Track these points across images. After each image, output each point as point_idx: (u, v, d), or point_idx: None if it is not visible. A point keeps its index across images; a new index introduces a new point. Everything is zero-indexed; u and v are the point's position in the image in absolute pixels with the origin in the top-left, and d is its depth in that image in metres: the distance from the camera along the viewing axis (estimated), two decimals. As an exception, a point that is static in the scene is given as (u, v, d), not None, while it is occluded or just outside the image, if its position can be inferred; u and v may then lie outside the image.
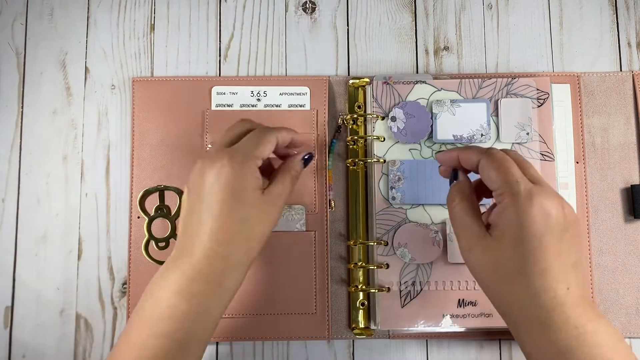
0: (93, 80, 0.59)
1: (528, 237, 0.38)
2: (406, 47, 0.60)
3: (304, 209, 0.55)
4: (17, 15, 0.59)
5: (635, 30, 0.60)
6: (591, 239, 0.55)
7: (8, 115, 0.58)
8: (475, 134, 0.55)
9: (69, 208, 0.57)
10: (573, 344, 0.37)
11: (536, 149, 0.54)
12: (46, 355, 0.55)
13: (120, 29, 0.59)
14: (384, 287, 0.53)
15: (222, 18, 0.60)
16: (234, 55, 0.59)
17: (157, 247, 0.55)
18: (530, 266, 0.38)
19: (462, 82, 0.56)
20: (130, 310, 0.54)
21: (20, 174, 0.57)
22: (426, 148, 0.55)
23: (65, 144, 0.58)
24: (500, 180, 0.40)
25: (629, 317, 0.54)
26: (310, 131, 0.56)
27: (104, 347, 0.55)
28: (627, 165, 0.56)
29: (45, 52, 0.59)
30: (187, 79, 0.58)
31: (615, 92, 0.57)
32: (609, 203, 0.56)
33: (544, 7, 0.60)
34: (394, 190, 0.54)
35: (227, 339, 0.54)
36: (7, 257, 0.56)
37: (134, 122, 0.57)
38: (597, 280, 0.55)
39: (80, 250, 0.56)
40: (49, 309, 0.55)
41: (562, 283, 0.38)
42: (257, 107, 0.57)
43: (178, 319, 0.40)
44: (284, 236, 0.54)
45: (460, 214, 0.42)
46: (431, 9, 0.60)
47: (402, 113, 0.55)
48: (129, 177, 0.57)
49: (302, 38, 0.60)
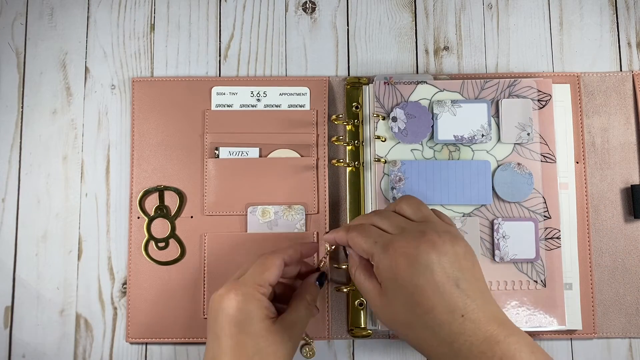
0: (93, 80, 0.59)
1: (402, 286, 0.40)
2: (406, 47, 0.60)
3: (303, 209, 0.55)
4: (17, 15, 0.59)
5: (635, 30, 0.60)
6: (591, 239, 0.55)
7: (8, 115, 0.58)
8: (476, 134, 0.55)
9: (69, 208, 0.57)
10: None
11: (537, 150, 0.54)
12: (46, 355, 0.55)
13: (120, 29, 0.59)
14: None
15: (222, 18, 0.60)
16: (234, 55, 0.59)
17: (157, 247, 0.55)
18: (417, 309, 0.39)
19: (464, 83, 0.56)
20: (130, 310, 0.54)
21: (20, 174, 0.57)
22: (428, 148, 0.55)
23: (65, 144, 0.57)
24: (363, 249, 0.43)
25: (629, 317, 0.54)
26: (310, 131, 0.56)
27: (103, 347, 0.55)
28: (627, 165, 0.56)
29: (45, 52, 0.59)
30: (187, 79, 0.58)
31: (615, 92, 0.57)
32: (609, 203, 0.56)
33: (544, 7, 0.60)
34: (395, 191, 0.54)
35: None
36: (7, 257, 0.56)
37: (134, 122, 0.57)
38: (597, 280, 0.55)
39: (80, 250, 0.56)
40: (49, 309, 0.55)
41: (454, 313, 0.39)
42: (257, 107, 0.57)
43: None
44: (284, 236, 0.54)
45: (359, 283, 0.44)
46: (431, 9, 0.60)
47: (402, 113, 0.55)
48: (129, 177, 0.57)
49: (302, 38, 0.60)
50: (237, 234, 0.55)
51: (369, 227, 0.44)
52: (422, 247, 0.40)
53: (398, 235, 0.42)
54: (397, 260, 0.40)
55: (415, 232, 0.41)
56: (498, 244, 0.53)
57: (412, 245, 0.40)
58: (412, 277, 0.39)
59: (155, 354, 0.55)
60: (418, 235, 0.41)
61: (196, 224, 0.55)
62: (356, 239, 0.43)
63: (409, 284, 0.39)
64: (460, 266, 0.40)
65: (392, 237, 0.42)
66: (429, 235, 0.41)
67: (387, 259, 0.41)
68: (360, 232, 0.43)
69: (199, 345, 0.55)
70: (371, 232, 0.43)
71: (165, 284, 0.54)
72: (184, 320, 0.54)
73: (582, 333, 0.54)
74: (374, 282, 0.43)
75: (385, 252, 0.41)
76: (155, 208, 0.56)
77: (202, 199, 0.55)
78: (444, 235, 0.41)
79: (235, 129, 0.56)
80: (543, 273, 0.53)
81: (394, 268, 0.40)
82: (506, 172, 0.54)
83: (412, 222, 0.44)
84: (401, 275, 0.40)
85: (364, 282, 0.44)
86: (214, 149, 0.56)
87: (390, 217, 0.44)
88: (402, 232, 0.42)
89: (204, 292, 0.54)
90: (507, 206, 0.54)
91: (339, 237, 0.46)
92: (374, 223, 0.44)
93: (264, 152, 0.56)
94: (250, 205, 0.55)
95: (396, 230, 0.43)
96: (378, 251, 0.41)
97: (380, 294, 0.42)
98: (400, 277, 0.40)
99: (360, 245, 0.43)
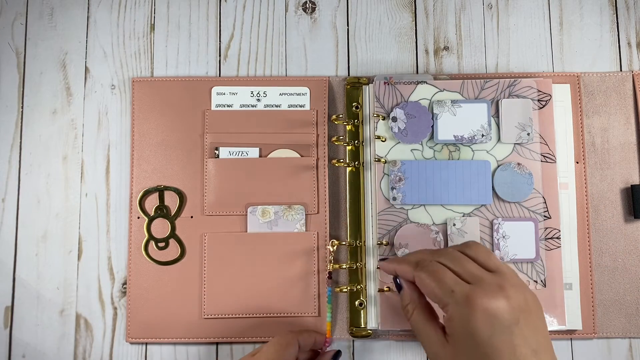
0: (93, 80, 0.59)
1: (477, 344, 0.38)
2: (406, 47, 0.60)
3: (303, 209, 0.55)
4: (17, 15, 0.59)
5: (635, 30, 0.60)
6: (591, 239, 0.55)
7: (8, 115, 0.58)
8: (476, 134, 0.55)
9: (69, 208, 0.57)
10: None
11: (537, 150, 0.54)
12: (46, 355, 0.55)
13: (120, 29, 0.59)
14: (385, 288, 0.53)
15: (222, 18, 0.60)
16: (234, 55, 0.59)
17: (157, 247, 0.55)
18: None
19: (464, 83, 0.56)
20: (130, 310, 0.54)
21: (20, 174, 0.57)
22: (428, 148, 0.55)
23: (65, 144, 0.57)
24: (436, 294, 0.40)
25: (629, 317, 0.54)
26: (310, 131, 0.56)
27: (103, 347, 0.55)
28: (627, 165, 0.56)
29: (45, 52, 0.59)
30: (187, 79, 0.58)
31: (615, 92, 0.57)
32: (609, 203, 0.56)
33: (544, 7, 0.60)
34: (395, 191, 0.54)
35: (228, 339, 0.54)
36: (7, 257, 0.56)
37: (134, 122, 0.57)
38: (597, 280, 0.55)
39: (80, 250, 0.56)
40: (49, 309, 0.55)
41: None
42: (257, 107, 0.57)
43: None
44: (284, 237, 0.54)
45: (418, 325, 0.43)
46: (431, 9, 0.60)
47: (402, 113, 0.55)
48: (129, 177, 0.57)
49: (302, 38, 0.60)
50: (237, 234, 0.55)
51: (444, 271, 0.41)
52: (515, 299, 0.38)
53: (477, 288, 0.39)
54: (477, 316, 0.38)
55: (494, 286, 0.39)
56: (498, 244, 0.53)
57: (494, 303, 0.38)
58: (491, 337, 0.37)
59: (155, 354, 0.55)
60: (497, 289, 0.39)
61: (196, 224, 0.55)
62: (428, 281, 0.41)
63: (486, 343, 0.37)
64: (538, 331, 0.39)
65: (471, 288, 0.39)
66: (508, 291, 0.39)
67: (465, 314, 0.38)
68: (433, 276, 0.41)
69: (199, 345, 0.55)
70: (446, 277, 0.40)
71: (165, 284, 0.54)
72: (184, 320, 0.54)
73: (582, 333, 0.54)
74: (435, 328, 0.41)
75: (464, 306, 0.38)
76: (155, 208, 0.56)
77: (202, 199, 0.55)
78: (525, 293, 0.40)
79: (235, 129, 0.56)
80: (543, 273, 0.53)
81: (472, 324, 0.38)
82: (506, 172, 0.54)
83: (487, 272, 0.41)
84: (479, 333, 0.38)
85: (423, 325, 0.42)
86: (214, 149, 0.56)
87: (462, 262, 0.42)
88: (480, 283, 0.39)
89: (203, 292, 0.54)
90: (507, 206, 0.54)
91: (402, 271, 0.44)
92: (444, 264, 0.42)
93: (264, 152, 0.56)
94: (250, 205, 0.55)
95: (471, 278, 0.40)
96: (455, 302, 0.39)
97: (444, 344, 0.40)
98: (477, 335, 0.38)
99: (432, 290, 0.41)
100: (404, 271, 0.44)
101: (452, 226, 0.54)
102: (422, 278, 0.42)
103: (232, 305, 0.54)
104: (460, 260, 0.42)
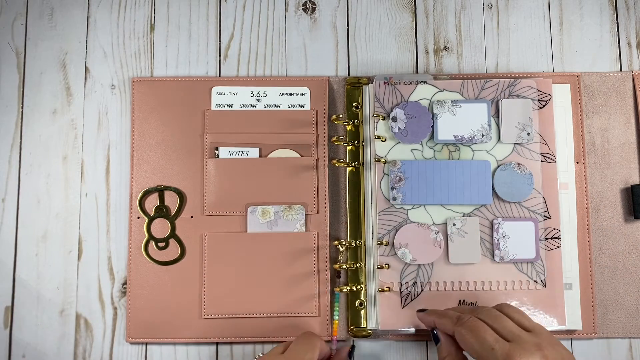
0: (93, 80, 0.59)
1: None
2: (406, 47, 0.60)
3: (303, 209, 0.55)
4: (17, 15, 0.59)
5: (635, 30, 0.60)
6: (591, 239, 0.55)
7: (8, 115, 0.58)
8: (476, 134, 0.55)
9: (69, 208, 0.57)
10: None
11: (537, 150, 0.55)
12: (46, 355, 0.55)
13: (120, 29, 0.59)
14: (385, 288, 0.53)
15: (222, 18, 0.60)
16: (234, 55, 0.59)
17: (157, 247, 0.55)
18: None
19: (464, 83, 0.56)
20: (130, 310, 0.54)
21: (20, 174, 0.57)
22: (428, 148, 0.55)
23: (65, 144, 0.57)
24: (476, 350, 0.42)
25: (629, 317, 0.54)
26: (310, 131, 0.56)
27: (103, 347, 0.55)
28: (627, 165, 0.56)
29: (45, 52, 0.59)
30: (187, 79, 0.58)
31: (615, 92, 0.57)
32: (609, 203, 0.56)
33: (544, 7, 0.60)
34: (395, 191, 0.54)
35: (228, 339, 0.54)
36: (7, 257, 0.56)
37: (134, 122, 0.57)
38: (597, 280, 0.55)
39: (80, 250, 0.56)
40: (49, 309, 0.55)
41: None
42: (257, 107, 0.57)
43: None
44: (284, 237, 0.55)
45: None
46: (431, 9, 0.60)
47: (402, 113, 0.55)
48: (129, 177, 0.57)
49: (302, 38, 0.60)
50: (237, 234, 0.55)
51: (484, 328, 0.43)
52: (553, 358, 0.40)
53: (517, 346, 0.41)
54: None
55: (532, 344, 0.41)
56: (498, 244, 0.53)
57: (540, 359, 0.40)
58: None
59: (155, 354, 0.55)
60: (535, 348, 0.40)
61: (196, 224, 0.55)
62: (468, 337, 0.43)
63: None
64: None
65: (511, 346, 0.41)
66: (546, 350, 0.40)
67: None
68: (473, 332, 0.43)
69: (199, 345, 0.55)
70: (487, 334, 0.42)
71: (165, 284, 0.54)
72: (184, 320, 0.54)
73: (582, 333, 0.54)
74: None
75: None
76: (155, 208, 0.56)
77: (202, 199, 0.55)
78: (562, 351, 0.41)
79: (235, 129, 0.56)
80: (543, 273, 0.53)
81: None
82: (506, 172, 0.54)
83: (524, 331, 0.43)
84: None
85: None
86: (214, 149, 0.56)
87: (501, 320, 0.44)
88: (518, 341, 0.41)
89: (203, 292, 0.54)
90: (507, 206, 0.54)
91: (442, 324, 0.46)
92: (484, 321, 0.44)
93: (264, 152, 0.56)
94: (250, 205, 0.55)
95: (510, 336, 0.42)
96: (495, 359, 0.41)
97: None
98: None
99: (472, 346, 0.42)
100: (444, 325, 0.46)
101: (452, 226, 0.54)
102: (462, 334, 0.44)
103: (232, 305, 0.54)
104: (500, 319, 0.44)
